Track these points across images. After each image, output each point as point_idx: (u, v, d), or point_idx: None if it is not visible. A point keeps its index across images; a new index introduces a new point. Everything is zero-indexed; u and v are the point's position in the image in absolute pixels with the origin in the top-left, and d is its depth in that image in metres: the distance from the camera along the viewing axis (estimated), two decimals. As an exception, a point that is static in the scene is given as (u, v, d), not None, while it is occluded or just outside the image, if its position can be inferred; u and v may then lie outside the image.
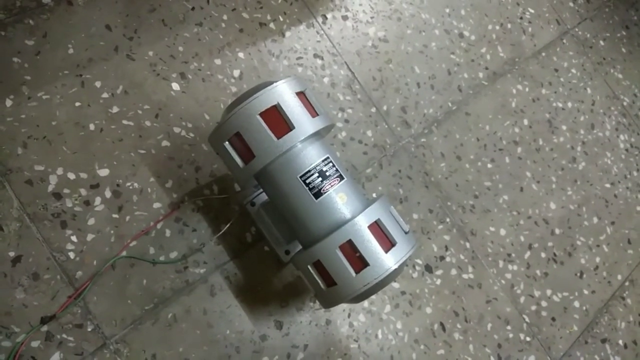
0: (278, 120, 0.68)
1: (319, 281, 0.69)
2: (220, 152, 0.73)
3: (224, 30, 0.96)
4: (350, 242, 0.66)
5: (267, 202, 0.82)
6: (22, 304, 0.71)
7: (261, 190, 0.84)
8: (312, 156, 0.70)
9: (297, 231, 0.74)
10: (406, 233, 0.71)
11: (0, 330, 0.69)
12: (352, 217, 0.68)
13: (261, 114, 0.67)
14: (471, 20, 1.21)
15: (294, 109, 0.69)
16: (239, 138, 0.69)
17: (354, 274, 0.66)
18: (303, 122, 0.69)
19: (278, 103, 0.68)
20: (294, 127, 0.68)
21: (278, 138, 0.67)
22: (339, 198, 0.70)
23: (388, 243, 0.69)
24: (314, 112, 0.72)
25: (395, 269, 0.67)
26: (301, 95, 0.71)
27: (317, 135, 0.73)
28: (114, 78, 0.86)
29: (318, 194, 0.69)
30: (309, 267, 0.69)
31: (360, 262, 0.67)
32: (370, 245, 0.67)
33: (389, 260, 0.67)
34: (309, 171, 0.69)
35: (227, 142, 0.70)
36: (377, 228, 0.69)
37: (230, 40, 0.96)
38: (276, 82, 0.69)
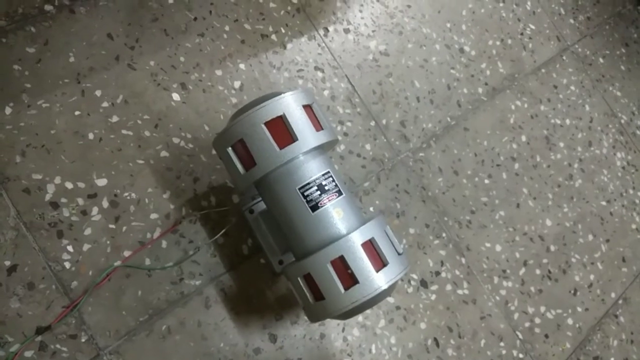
0: (282, 130, 0.69)
1: (308, 294, 0.69)
2: (222, 157, 0.73)
3: (226, 41, 0.97)
4: (342, 258, 0.66)
5: (265, 211, 0.82)
6: (16, 314, 0.71)
7: (261, 198, 0.84)
8: (312, 169, 0.71)
9: (291, 242, 0.74)
10: (399, 254, 0.71)
11: (-7, 339, 0.69)
12: (346, 233, 0.69)
13: (266, 123, 0.68)
14: (472, 35, 1.22)
15: (299, 121, 0.69)
16: (242, 145, 0.69)
17: (342, 290, 0.66)
18: (307, 135, 0.69)
19: (284, 114, 0.68)
20: (297, 139, 0.68)
21: (280, 148, 0.68)
22: (336, 213, 0.70)
23: (380, 263, 0.69)
24: (318, 126, 0.72)
25: (385, 289, 0.67)
26: (308, 108, 0.72)
27: (320, 149, 0.73)
28: (115, 87, 0.86)
29: (315, 207, 0.69)
30: (299, 279, 0.69)
31: (350, 279, 0.67)
32: (362, 263, 0.67)
33: (379, 280, 0.67)
34: (308, 184, 0.70)
35: (230, 148, 0.71)
36: (370, 247, 0.69)
37: (231, 51, 0.96)
38: (284, 93, 0.70)
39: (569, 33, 1.38)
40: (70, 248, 0.76)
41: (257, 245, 0.86)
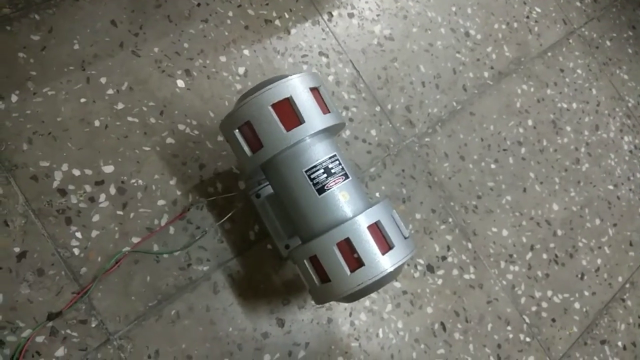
0: (289, 113, 0.69)
1: (314, 276, 0.70)
2: (229, 140, 0.73)
3: (230, 27, 0.96)
4: (348, 240, 0.66)
5: (272, 195, 0.83)
6: (27, 300, 0.72)
7: (267, 183, 0.85)
8: (319, 152, 0.71)
9: (297, 225, 0.74)
10: (405, 238, 0.71)
11: (5, 325, 0.70)
12: (352, 216, 0.69)
13: (273, 105, 0.68)
14: (477, 19, 1.21)
15: (306, 103, 0.69)
16: (249, 127, 0.69)
17: (348, 272, 0.66)
18: (313, 117, 0.69)
19: (291, 96, 0.68)
20: (304, 121, 0.68)
21: (287, 130, 0.68)
22: (342, 196, 0.70)
23: (386, 245, 0.69)
24: (325, 109, 0.72)
25: (391, 272, 0.67)
26: (315, 91, 0.72)
27: (327, 132, 0.73)
28: (119, 74, 0.86)
29: (321, 190, 0.69)
30: (305, 261, 0.70)
31: (356, 261, 0.67)
32: (368, 245, 0.66)
33: (385, 263, 0.66)
34: (315, 166, 0.70)
35: (237, 130, 0.71)
36: (376, 229, 0.69)
37: (235, 37, 0.96)
38: (291, 75, 0.70)
39: (576, 16, 1.36)
40: (78, 234, 0.76)
41: (264, 230, 0.86)
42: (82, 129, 0.81)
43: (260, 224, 0.86)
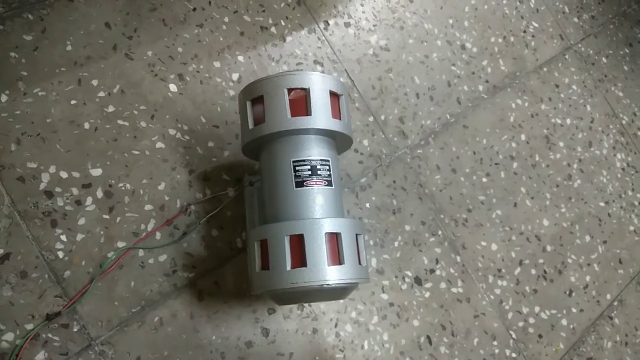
0: (300, 102, 0.71)
1: (257, 260, 0.69)
2: (240, 110, 0.77)
3: (225, 32, 0.96)
4: (301, 237, 0.66)
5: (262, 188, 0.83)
6: (9, 302, 0.71)
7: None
8: (314, 151, 0.72)
9: (266, 211, 0.74)
10: (360, 264, 0.70)
11: (-15, 327, 0.69)
12: (318, 218, 0.69)
13: (289, 90, 0.71)
14: (474, 32, 1.21)
15: (320, 100, 0.71)
16: (261, 101, 0.72)
17: (289, 267, 0.65)
18: (321, 115, 0.71)
19: (309, 88, 0.70)
20: (310, 114, 0.70)
21: (292, 116, 0.70)
22: (317, 198, 0.71)
23: (337, 259, 0.67)
24: (337, 115, 0.74)
25: (329, 286, 0.66)
26: (334, 96, 0.74)
27: (331, 138, 0.75)
28: (112, 77, 0.85)
29: (300, 184, 0.70)
30: (255, 243, 0.70)
31: (300, 260, 0.66)
32: (318, 250, 0.66)
33: (328, 273, 0.65)
34: (304, 161, 0.71)
35: (249, 102, 0.73)
36: (334, 240, 0.68)
37: (230, 43, 0.96)
38: (321, 73, 0.73)
39: (573, 32, 1.36)
40: (64, 238, 0.76)
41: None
42: (72, 131, 0.81)
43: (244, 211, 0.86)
